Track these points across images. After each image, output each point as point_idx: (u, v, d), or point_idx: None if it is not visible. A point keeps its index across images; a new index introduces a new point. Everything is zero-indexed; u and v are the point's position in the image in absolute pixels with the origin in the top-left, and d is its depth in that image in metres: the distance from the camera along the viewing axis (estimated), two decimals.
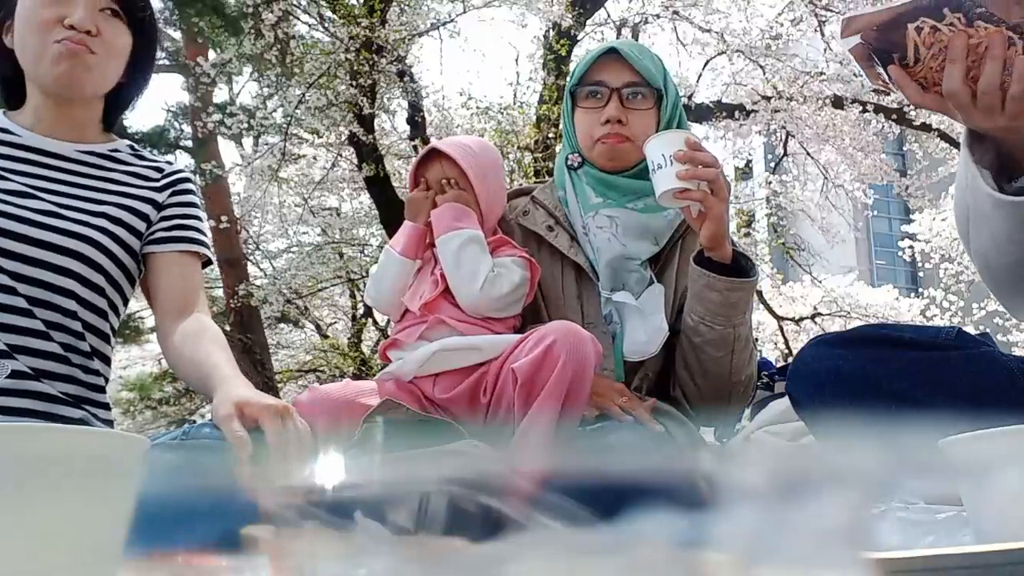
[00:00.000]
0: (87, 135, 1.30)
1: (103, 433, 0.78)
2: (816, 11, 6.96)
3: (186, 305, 1.27)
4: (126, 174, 1.31)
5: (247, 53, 6.33)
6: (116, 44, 1.24)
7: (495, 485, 0.78)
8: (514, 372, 1.17)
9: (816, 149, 7.68)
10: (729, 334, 1.32)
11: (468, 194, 1.43)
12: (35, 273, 1.15)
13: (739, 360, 1.34)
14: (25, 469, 0.49)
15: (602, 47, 1.46)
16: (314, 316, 10.45)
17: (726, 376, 1.35)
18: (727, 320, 1.31)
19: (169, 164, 1.37)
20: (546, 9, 6.41)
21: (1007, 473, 0.65)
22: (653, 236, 1.43)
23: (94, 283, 1.21)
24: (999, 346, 1.14)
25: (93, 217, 1.22)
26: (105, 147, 1.31)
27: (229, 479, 0.93)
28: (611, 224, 1.43)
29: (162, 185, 1.33)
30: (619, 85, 1.41)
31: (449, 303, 1.36)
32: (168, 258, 1.29)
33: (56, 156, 1.25)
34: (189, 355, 1.17)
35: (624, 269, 1.42)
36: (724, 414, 1.43)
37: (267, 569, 0.63)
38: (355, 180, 7.36)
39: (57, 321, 1.17)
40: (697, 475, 0.84)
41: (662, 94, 1.43)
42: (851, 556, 0.53)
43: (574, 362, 1.14)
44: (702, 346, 1.34)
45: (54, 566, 0.50)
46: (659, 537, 0.59)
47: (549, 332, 1.17)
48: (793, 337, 8.79)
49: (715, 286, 1.29)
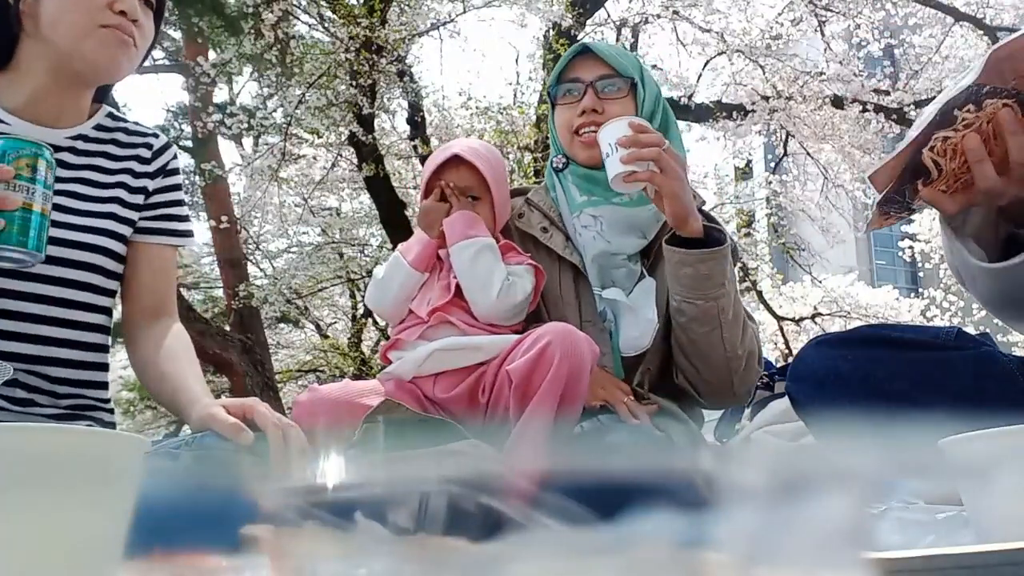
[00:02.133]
0: (77, 117, 1.24)
1: (103, 433, 0.78)
2: (816, 11, 6.96)
3: (160, 305, 1.27)
4: (118, 159, 1.26)
5: (247, 53, 6.32)
6: (147, 34, 1.21)
7: (495, 485, 0.78)
8: (509, 374, 1.17)
9: (816, 149, 7.68)
10: (711, 308, 1.31)
11: (486, 201, 1.45)
12: (57, 272, 1.14)
13: (730, 335, 1.33)
14: (25, 469, 0.49)
15: (575, 48, 1.50)
16: (314, 316, 10.45)
17: (721, 354, 1.34)
18: (705, 294, 1.30)
19: (156, 137, 1.32)
20: (546, 9, 6.41)
21: (1007, 473, 0.65)
22: (639, 230, 1.44)
23: (105, 288, 1.21)
24: (999, 346, 1.14)
25: (96, 219, 1.20)
26: (89, 126, 1.25)
27: (229, 479, 0.93)
28: (595, 222, 1.45)
29: (154, 170, 1.29)
30: (593, 78, 1.44)
31: (458, 308, 1.37)
32: (150, 251, 1.27)
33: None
34: (165, 371, 1.17)
35: (611, 265, 1.44)
36: (731, 396, 1.41)
37: (267, 569, 0.63)
38: (355, 180, 7.36)
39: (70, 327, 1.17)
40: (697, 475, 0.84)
41: (636, 82, 1.46)
42: (851, 556, 0.53)
43: (569, 363, 1.14)
44: (689, 325, 1.34)
45: (54, 566, 0.50)
46: (659, 537, 0.59)
47: (544, 333, 1.17)
48: (793, 337, 8.79)
49: (686, 261, 1.30)
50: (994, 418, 0.68)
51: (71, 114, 1.23)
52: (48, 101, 1.19)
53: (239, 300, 6.98)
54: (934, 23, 7.24)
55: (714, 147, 8.75)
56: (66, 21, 1.13)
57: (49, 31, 1.14)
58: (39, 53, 1.16)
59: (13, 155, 0.93)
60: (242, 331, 6.88)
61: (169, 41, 7.77)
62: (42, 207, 0.95)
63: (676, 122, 1.53)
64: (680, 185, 1.27)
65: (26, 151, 0.94)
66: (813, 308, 9.03)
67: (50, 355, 1.15)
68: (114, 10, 1.14)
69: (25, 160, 0.94)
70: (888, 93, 6.99)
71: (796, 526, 0.55)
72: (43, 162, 0.96)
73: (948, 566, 0.51)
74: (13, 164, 0.93)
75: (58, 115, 1.21)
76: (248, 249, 8.65)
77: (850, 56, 6.98)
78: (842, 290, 9.36)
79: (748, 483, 0.61)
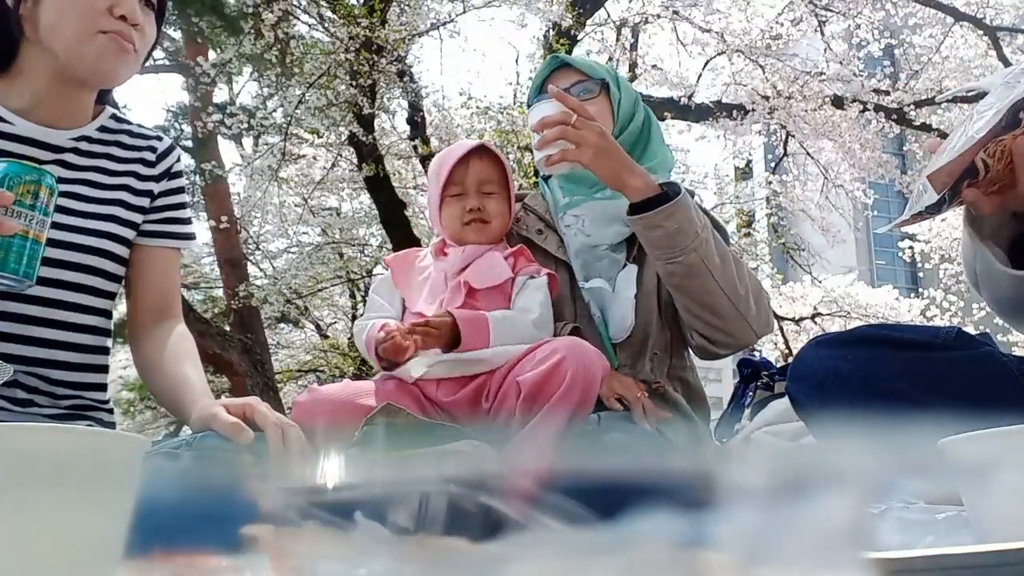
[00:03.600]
0: (80, 119, 1.24)
1: (103, 433, 0.78)
2: (816, 11, 6.96)
3: (165, 306, 1.27)
4: (122, 161, 1.26)
5: (247, 53, 6.32)
6: (148, 36, 1.19)
7: (495, 485, 0.78)
8: (518, 384, 1.17)
9: (816, 149, 7.68)
10: (694, 259, 1.32)
11: (502, 197, 1.48)
12: (57, 274, 1.13)
13: (725, 279, 1.35)
14: (25, 469, 0.49)
15: (549, 62, 1.59)
16: (314, 316, 10.45)
17: (724, 298, 1.35)
18: (682, 248, 1.31)
19: (160, 140, 1.31)
20: (546, 9, 6.41)
21: (1007, 473, 0.65)
22: (621, 220, 1.46)
23: (105, 291, 1.21)
24: (999, 346, 1.14)
25: (97, 221, 1.19)
26: (93, 127, 1.24)
27: (229, 479, 0.93)
28: (577, 220, 1.50)
29: (159, 173, 1.28)
30: (568, 86, 1.49)
31: (471, 307, 1.36)
32: (154, 253, 1.27)
33: (51, 148, 1.19)
34: (170, 373, 1.17)
35: (593, 257, 1.48)
36: (752, 335, 1.41)
37: (267, 569, 0.63)
38: (355, 180, 7.36)
39: (69, 329, 1.17)
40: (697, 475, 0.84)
41: (607, 83, 1.51)
42: (851, 556, 0.53)
43: (582, 380, 1.14)
44: (683, 284, 1.36)
45: (54, 566, 0.50)
46: (659, 537, 0.59)
47: (559, 348, 1.16)
48: (793, 337, 8.79)
49: (652, 222, 1.32)
50: (994, 418, 0.68)
51: (74, 115, 1.22)
52: (50, 103, 1.18)
53: (239, 300, 6.98)
54: (934, 23, 7.24)
55: (714, 147, 8.76)
56: (64, 26, 1.11)
57: (48, 36, 1.13)
58: (39, 57, 1.15)
59: (15, 181, 0.94)
60: (242, 331, 6.88)
61: (169, 41, 7.76)
62: (37, 234, 0.96)
63: (658, 124, 1.58)
64: (595, 153, 1.30)
65: (29, 177, 0.95)
66: (813, 308, 9.02)
67: (49, 357, 1.14)
68: (114, 15, 1.12)
69: (26, 187, 0.94)
70: (888, 93, 6.99)
71: (796, 526, 0.55)
72: (44, 189, 0.96)
73: (948, 566, 0.51)
74: (15, 190, 0.94)
75: (60, 116, 1.20)
76: (248, 249, 8.64)
77: (850, 56, 6.98)
78: (842, 290, 9.35)
79: (748, 483, 0.61)
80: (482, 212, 1.45)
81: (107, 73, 1.16)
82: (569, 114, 1.31)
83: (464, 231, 1.46)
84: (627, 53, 7.19)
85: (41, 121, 1.18)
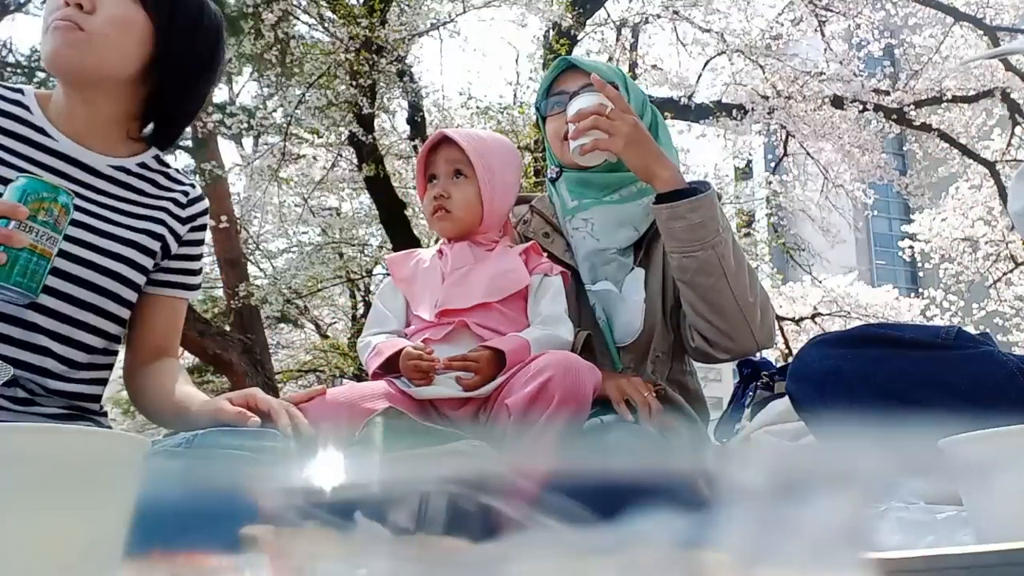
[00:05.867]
0: (117, 147, 1.22)
1: (103, 433, 0.78)
2: (816, 11, 6.96)
3: (164, 348, 1.27)
4: (155, 198, 1.26)
5: (247, 53, 6.32)
6: (114, 16, 1.11)
7: (495, 485, 0.78)
8: (508, 407, 1.16)
9: (816, 149, 7.68)
10: (711, 256, 1.32)
11: (471, 178, 1.43)
12: (69, 289, 1.13)
13: (737, 284, 1.34)
14: (25, 469, 0.49)
15: (557, 64, 1.58)
16: (314, 316, 10.45)
17: (733, 301, 1.35)
18: (702, 243, 1.32)
19: (193, 187, 1.31)
20: (546, 9, 6.41)
21: (1007, 473, 0.65)
22: (630, 224, 1.47)
23: (110, 312, 1.20)
24: (999, 346, 1.14)
25: (118, 244, 1.18)
26: (133, 161, 1.24)
27: (229, 479, 0.93)
28: (586, 224, 1.50)
29: (185, 217, 1.28)
30: (577, 88, 1.49)
31: (479, 310, 1.35)
32: (162, 301, 1.27)
33: (89, 170, 1.19)
34: (172, 393, 1.18)
35: (601, 261, 1.47)
36: (753, 344, 1.41)
37: (267, 569, 0.63)
38: (355, 180, 7.36)
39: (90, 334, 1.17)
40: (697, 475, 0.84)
41: (616, 84, 1.50)
42: (851, 556, 0.53)
43: (573, 401, 1.13)
44: (694, 280, 1.35)
45: (54, 566, 0.50)
46: (659, 537, 0.59)
47: (546, 367, 1.14)
48: (793, 337, 8.79)
49: (676, 213, 1.32)
50: (994, 418, 0.68)
51: (104, 136, 1.21)
52: (70, 113, 1.18)
53: (239, 300, 6.98)
54: (934, 23, 7.24)
55: (714, 147, 8.76)
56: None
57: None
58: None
59: (32, 197, 0.95)
60: (242, 331, 6.87)
61: None
62: (45, 249, 0.97)
63: (666, 125, 1.57)
64: (627, 143, 1.32)
65: (45, 194, 0.96)
66: (813, 308, 9.03)
67: (47, 367, 1.14)
68: (69, 4, 1.10)
69: (41, 203, 0.96)
70: (888, 93, 6.99)
71: (796, 526, 0.55)
72: (59, 207, 0.98)
73: (948, 566, 0.51)
74: (30, 206, 0.95)
75: (93, 136, 1.19)
76: (248, 249, 8.64)
77: (850, 56, 6.98)
78: (842, 290, 9.36)
79: (748, 483, 0.61)
80: (446, 199, 1.43)
81: (52, 58, 1.12)
82: (605, 105, 1.33)
83: (432, 221, 1.46)
84: (627, 53, 7.20)
85: (78, 141, 1.19)
